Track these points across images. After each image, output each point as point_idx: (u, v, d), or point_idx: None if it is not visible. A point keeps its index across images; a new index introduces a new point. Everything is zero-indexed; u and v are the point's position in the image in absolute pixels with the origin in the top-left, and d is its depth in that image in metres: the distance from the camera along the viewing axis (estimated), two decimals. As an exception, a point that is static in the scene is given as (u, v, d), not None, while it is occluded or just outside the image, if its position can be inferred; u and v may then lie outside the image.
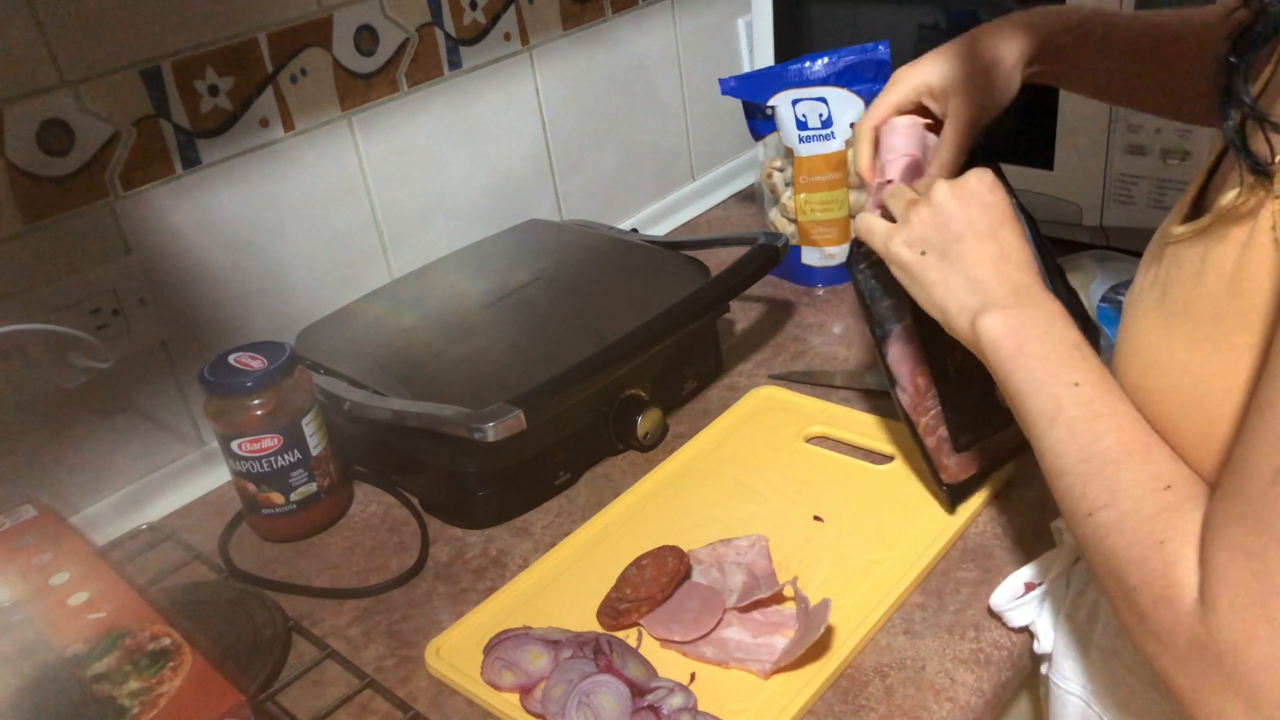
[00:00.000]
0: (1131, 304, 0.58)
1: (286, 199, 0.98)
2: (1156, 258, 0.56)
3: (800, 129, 1.09)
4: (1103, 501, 0.52)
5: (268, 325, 0.99)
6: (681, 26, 1.34)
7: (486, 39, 1.12)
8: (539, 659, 0.68)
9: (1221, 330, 0.48)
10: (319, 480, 0.86)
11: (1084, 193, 1.08)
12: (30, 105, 0.81)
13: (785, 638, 0.68)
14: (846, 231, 1.13)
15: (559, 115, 1.22)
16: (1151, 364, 0.53)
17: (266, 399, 0.81)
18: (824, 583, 0.73)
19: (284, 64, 0.95)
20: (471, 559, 0.83)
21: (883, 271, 0.71)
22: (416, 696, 0.70)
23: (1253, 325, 0.47)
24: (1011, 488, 0.81)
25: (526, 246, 1.08)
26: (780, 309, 1.12)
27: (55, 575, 0.72)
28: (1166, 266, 0.54)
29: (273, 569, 0.84)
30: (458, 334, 0.93)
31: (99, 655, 0.64)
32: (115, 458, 0.92)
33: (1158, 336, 0.53)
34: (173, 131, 0.89)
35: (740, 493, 0.84)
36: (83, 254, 0.86)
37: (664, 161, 1.38)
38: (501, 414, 0.77)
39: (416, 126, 1.08)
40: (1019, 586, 0.70)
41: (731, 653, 0.68)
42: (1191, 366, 0.50)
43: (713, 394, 0.99)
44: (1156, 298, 0.54)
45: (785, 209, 1.15)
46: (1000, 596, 0.70)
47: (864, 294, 0.75)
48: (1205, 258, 0.50)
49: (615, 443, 0.91)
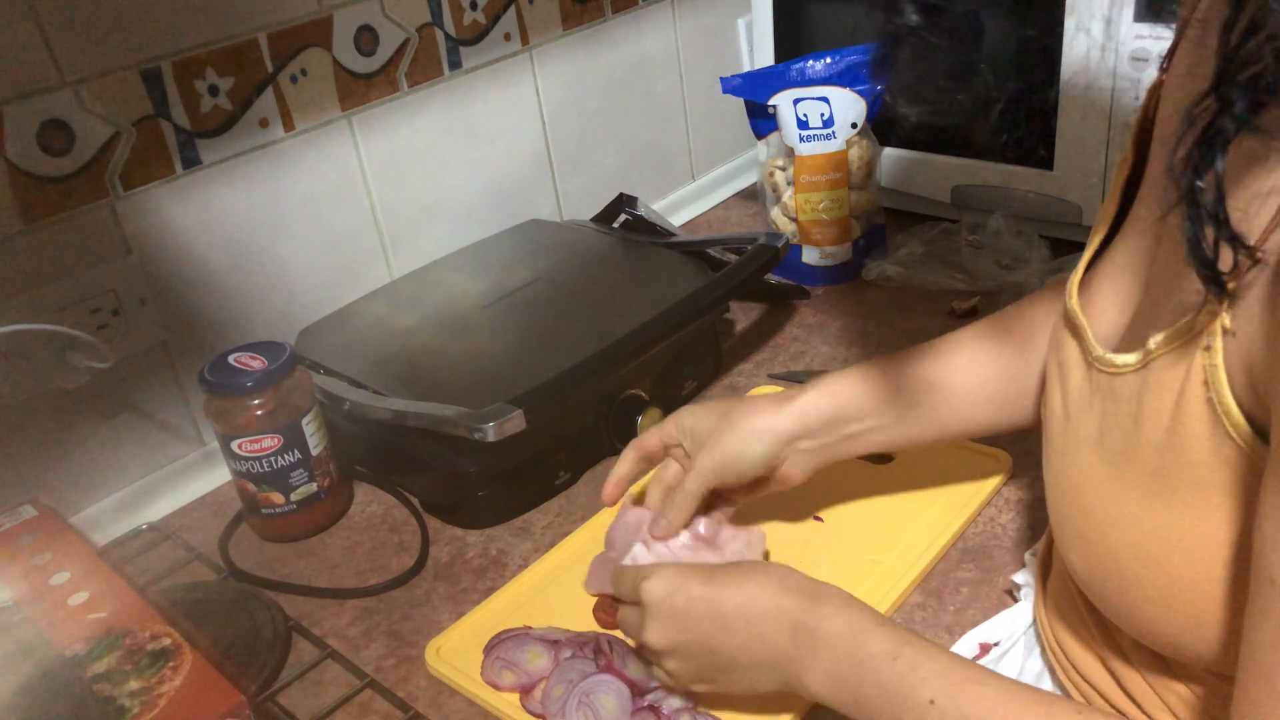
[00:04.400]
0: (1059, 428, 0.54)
1: (286, 199, 0.98)
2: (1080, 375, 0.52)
3: (801, 128, 1.09)
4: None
5: (268, 325, 0.99)
6: (681, 26, 1.34)
7: (486, 39, 1.12)
8: (539, 659, 0.68)
9: (1168, 484, 0.44)
10: (319, 480, 0.86)
11: (1084, 193, 1.08)
12: (30, 105, 0.81)
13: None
14: (847, 231, 1.13)
15: (559, 115, 1.22)
16: (1097, 512, 0.49)
17: (266, 399, 0.81)
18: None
19: (284, 64, 0.95)
20: (471, 559, 0.83)
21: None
22: (416, 696, 0.70)
23: (1201, 483, 0.43)
24: (1011, 488, 0.81)
25: (526, 246, 1.08)
26: (780, 309, 1.12)
27: (55, 575, 0.72)
28: (1099, 395, 0.50)
29: (273, 569, 0.84)
30: (458, 334, 0.93)
31: (99, 655, 0.64)
32: (115, 458, 0.92)
33: (1100, 483, 0.49)
34: (173, 131, 0.89)
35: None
36: (83, 254, 0.86)
37: (664, 161, 1.38)
38: (501, 414, 0.77)
39: (416, 126, 1.08)
40: (975, 647, 0.67)
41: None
42: (1143, 520, 0.46)
43: (713, 394, 0.99)
44: (1092, 432, 0.50)
45: (786, 208, 1.15)
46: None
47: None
48: (1140, 400, 0.46)
49: (615, 443, 0.91)
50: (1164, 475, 0.44)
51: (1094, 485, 0.49)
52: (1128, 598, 0.48)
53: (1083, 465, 0.50)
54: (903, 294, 1.11)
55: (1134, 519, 0.46)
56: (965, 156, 1.16)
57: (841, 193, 1.11)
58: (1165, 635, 0.48)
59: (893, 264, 1.13)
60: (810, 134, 1.09)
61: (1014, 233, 1.11)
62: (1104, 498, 0.48)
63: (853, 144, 1.11)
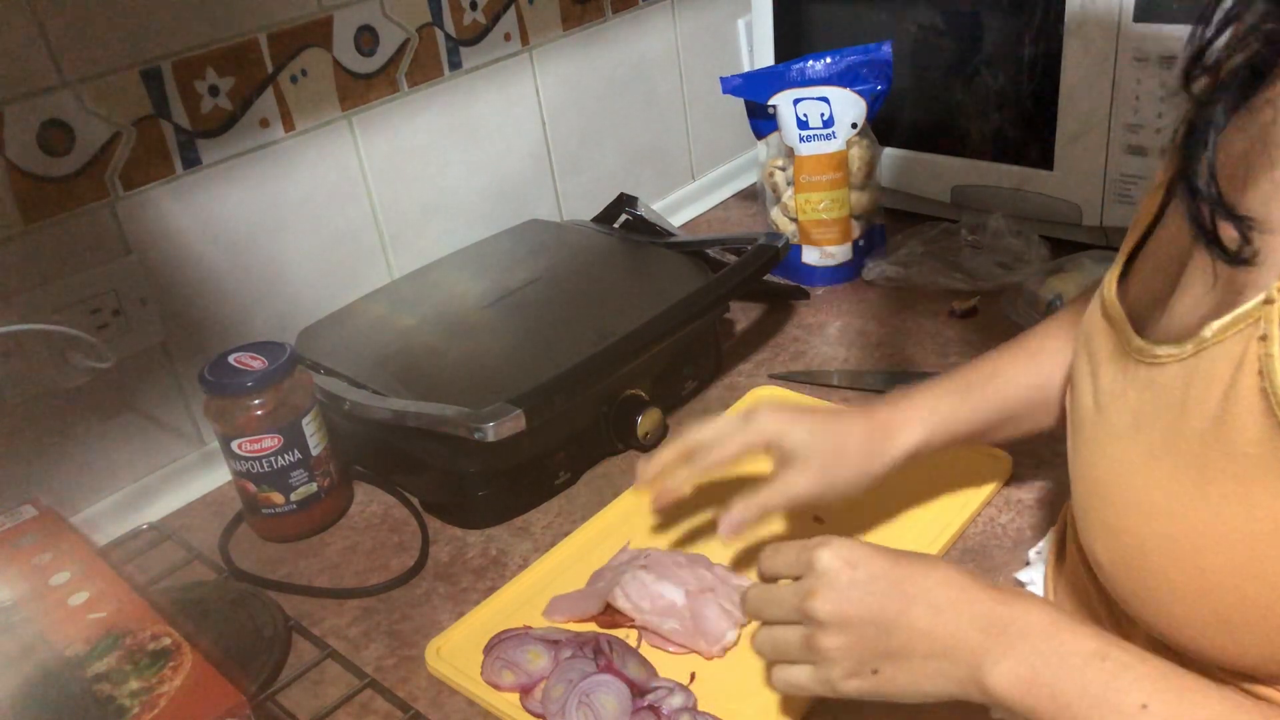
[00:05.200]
0: (1090, 419, 0.53)
1: (286, 199, 0.98)
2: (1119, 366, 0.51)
3: (801, 128, 1.09)
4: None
5: (268, 325, 0.99)
6: (681, 26, 1.34)
7: (486, 39, 1.12)
8: (539, 659, 0.68)
9: (1209, 476, 0.44)
10: (319, 480, 0.86)
11: (1084, 193, 1.08)
12: (30, 105, 0.81)
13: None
14: (847, 231, 1.13)
15: (559, 115, 1.22)
16: (1128, 504, 0.48)
17: (266, 399, 0.81)
18: (824, 583, 0.73)
19: (284, 64, 0.95)
20: (471, 559, 0.83)
21: None
22: (416, 696, 0.70)
23: (1245, 475, 0.42)
24: (1011, 488, 0.81)
25: (526, 246, 1.08)
26: (780, 309, 1.12)
27: (55, 575, 0.72)
28: (1136, 386, 0.49)
29: (273, 569, 0.84)
30: (458, 334, 0.93)
31: (99, 655, 0.64)
32: (115, 458, 0.92)
33: (1134, 474, 0.48)
34: (173, 131, 0.89)
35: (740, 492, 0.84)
36: (83, 254, 0.86)
37: (664, 161, 1.38)
38: (501, 414, 0.77)
39: (416, 126, 1.08)
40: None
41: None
42: (1177, 514, 0.45)
43: (713, 394, 0.99)
44: (1127, 422, 0.49)
45: (786, 208, 1.15)
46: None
47: None
48: (1187, 389, 0.45)
49: (615, 443, 0.91)
50: (1205, 466, 0.44)
51: (1126, 477, 0.49)
52: (1155, 593, 0.48)
53: (1115, 457, 0.50)
54: (902, 294, 1.11)
55: (1168, 511, 0.46)
56: (965, 156, 1.16)
57: (841, 193, 1.11)
58: (1188, 633, 0.47)
59: (892, 264, 1.13)
60: (810, 134, 1.09)
61: (1014, 233, 1.11)
62: (1136, 489, 0.48)
63: (853, 144, 1.11)
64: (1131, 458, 0.48)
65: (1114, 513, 0.49)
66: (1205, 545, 0.44)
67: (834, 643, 0.54)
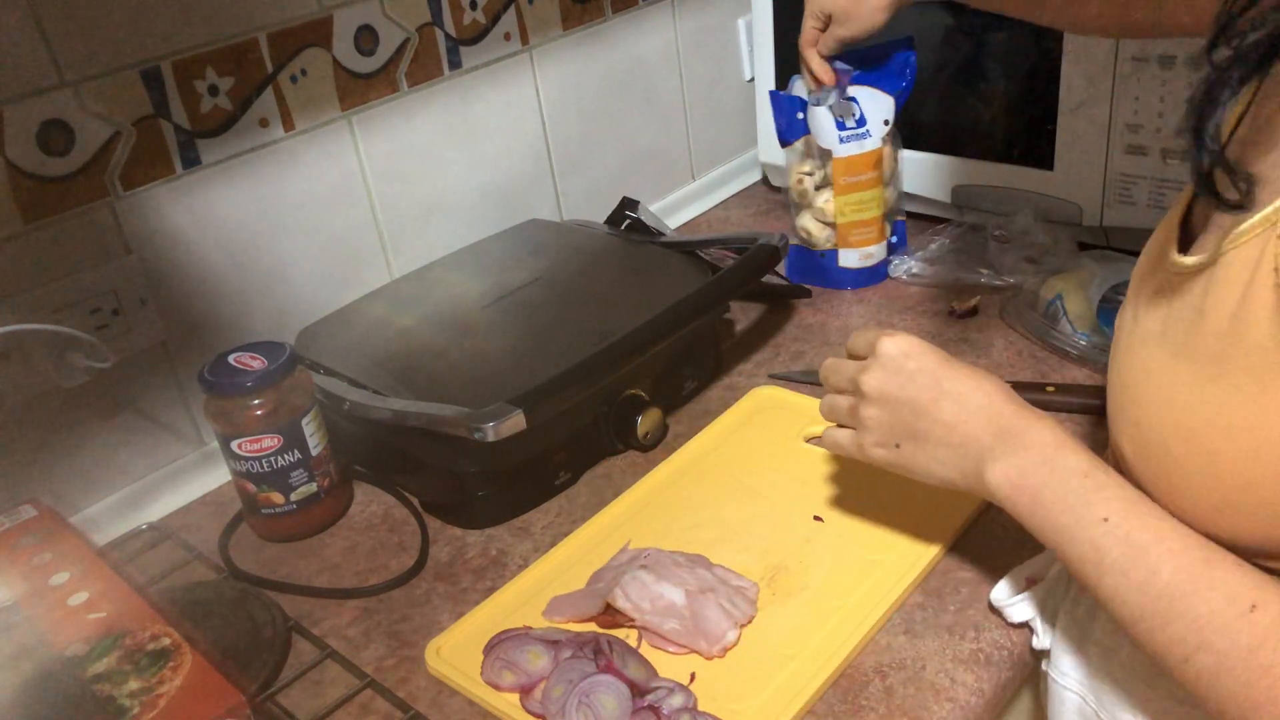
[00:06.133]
0: (1128, 329, 0.57)
1: (286, 199, 0.98)
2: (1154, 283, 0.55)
3: (840, 129, 1.08)
4: (1192, 644, 0.49)
5: (268, 325, 0.99)
6: (681, 26, 1.34)
7: (486, 39, 1.12)
8: (539, 659, 0.68)
9: (1224, 370, 0.48)
10: (319, 480, 0.86)
11: (1084, 193, 1.08)
12: (30, 105, 0.81)
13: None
14: (882, 231, 1.12)
15: (559, 115, 1.22)
16: (1151, 399, 0.53)
17: (266, 399, 0.81)
18: (824, 582, 0.73)
19: (284, 64, 0.95)
20: (471, 559, 0.83)
21: None
22: (416, 696, 0.70)
23: (1256, 368, 0.46)
24: (1011, 488, 0.81)
25: (526, 246, 1.08)
26: (780, 309, 1.12)
27: (55, 575, 0.72)
28: (1166, 296, 0.53)
29: (273, 569, 0.84)
30: (458, 334, 0.93)
31: (99, 655, 0.64)
32: (115, 458, 0.92)
33: (1158, 372, 0.52)
34: (173, 131, 0.89)
35: (740, 493, 0.84)
36: (83, 254, 0.86)
37: (664, 161, 1.38)
38: (501, 414, 0.77)
39: (416, 126, 1.08)
40: (1021, 581, 0.70)
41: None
42: (1193, 405, 0.50)
43: (713, 394, 0.99)
44: (1156, 329, 0.53)
45: (823, 212, 1.13)
46: (1000, 591, 0.70)
47: None
48: (1206, 294, 0.49)
49: (615, 443, 0.91)
50: (1221, 361, 0.48)
51: (1151, 375, 0.53)
52: (1171, 479, 0.52)
53: (1144, 358, 0.54)
54: (910, 292, 1.11)
55: (1185, 403, 0.50)
56: (965, 156, 1.16)
57: (876, 191, 1.10)
58: (1199, 515, 0.51)
59: (919, 260, 1.12)
60: (848, 134, 1.07)
61: (1041, 228, 1.10)
62: (1159, 385, 0.52)
63: (884, 141, 1.10)
64: (1158, 358, 0.53)
65: (1140, 409, 0.54)
66: (1217, 434, 0.48)
67: (872, 414, 0.65)
